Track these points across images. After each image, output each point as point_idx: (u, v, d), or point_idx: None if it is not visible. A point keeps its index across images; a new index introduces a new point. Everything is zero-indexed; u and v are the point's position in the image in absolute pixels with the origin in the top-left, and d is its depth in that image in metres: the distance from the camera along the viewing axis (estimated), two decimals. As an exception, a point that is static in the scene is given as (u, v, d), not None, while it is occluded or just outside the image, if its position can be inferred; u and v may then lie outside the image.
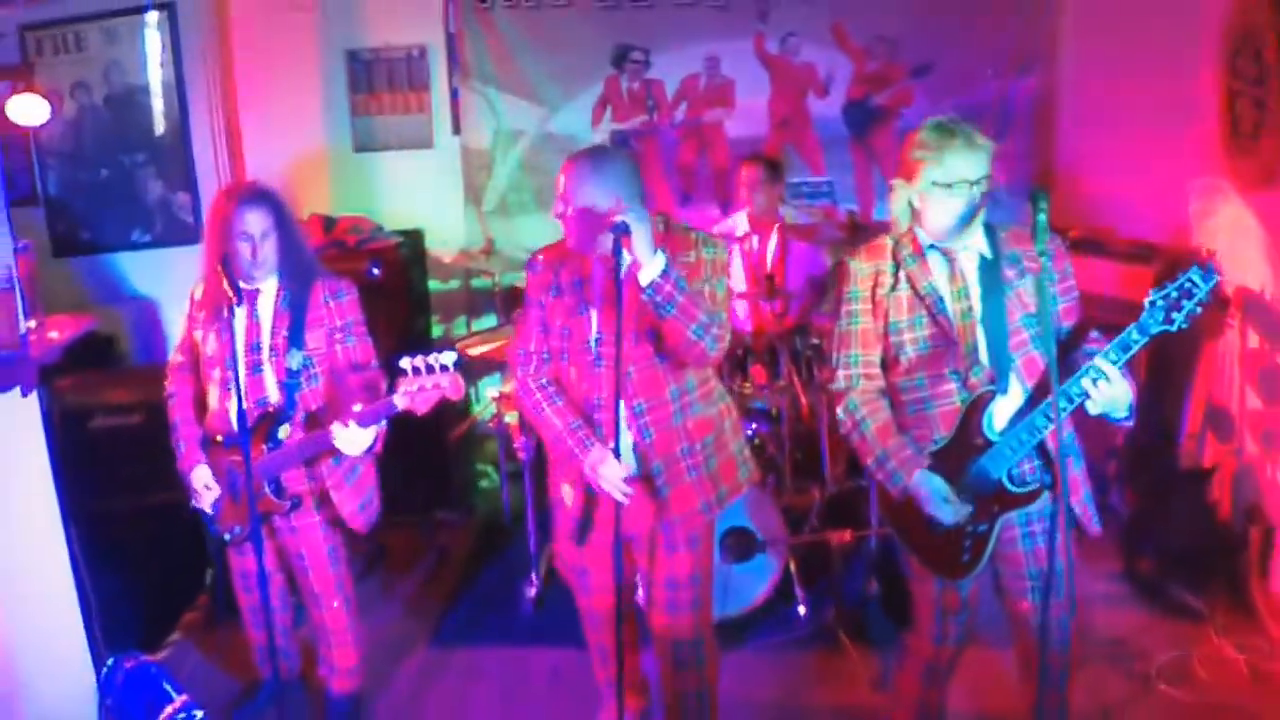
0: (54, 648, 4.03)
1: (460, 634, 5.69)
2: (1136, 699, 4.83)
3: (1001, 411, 3.75)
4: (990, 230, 3.76)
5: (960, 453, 3.78)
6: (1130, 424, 3.74)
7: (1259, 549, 5.27)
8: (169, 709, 4.28)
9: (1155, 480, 5.97)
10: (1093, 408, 3.63)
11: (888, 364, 3.89)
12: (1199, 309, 3.53)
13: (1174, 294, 3.52)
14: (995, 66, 7.00)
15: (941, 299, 3.73)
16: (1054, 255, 3.73)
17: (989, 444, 3.75)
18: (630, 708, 4.72)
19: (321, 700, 4.98)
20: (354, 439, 4.23)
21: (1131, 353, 3.56)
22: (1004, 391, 3.71)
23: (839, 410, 3.91)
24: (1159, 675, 4.93)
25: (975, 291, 3.74)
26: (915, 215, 3.74)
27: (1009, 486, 3.78)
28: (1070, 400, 3.60)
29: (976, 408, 3.74)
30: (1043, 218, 3.39)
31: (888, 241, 3.84)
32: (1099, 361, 3.55)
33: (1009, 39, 6.96)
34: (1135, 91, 6.69)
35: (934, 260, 3.76)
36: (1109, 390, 3.56)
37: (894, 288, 3.78)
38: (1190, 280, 3.51)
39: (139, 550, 5.32)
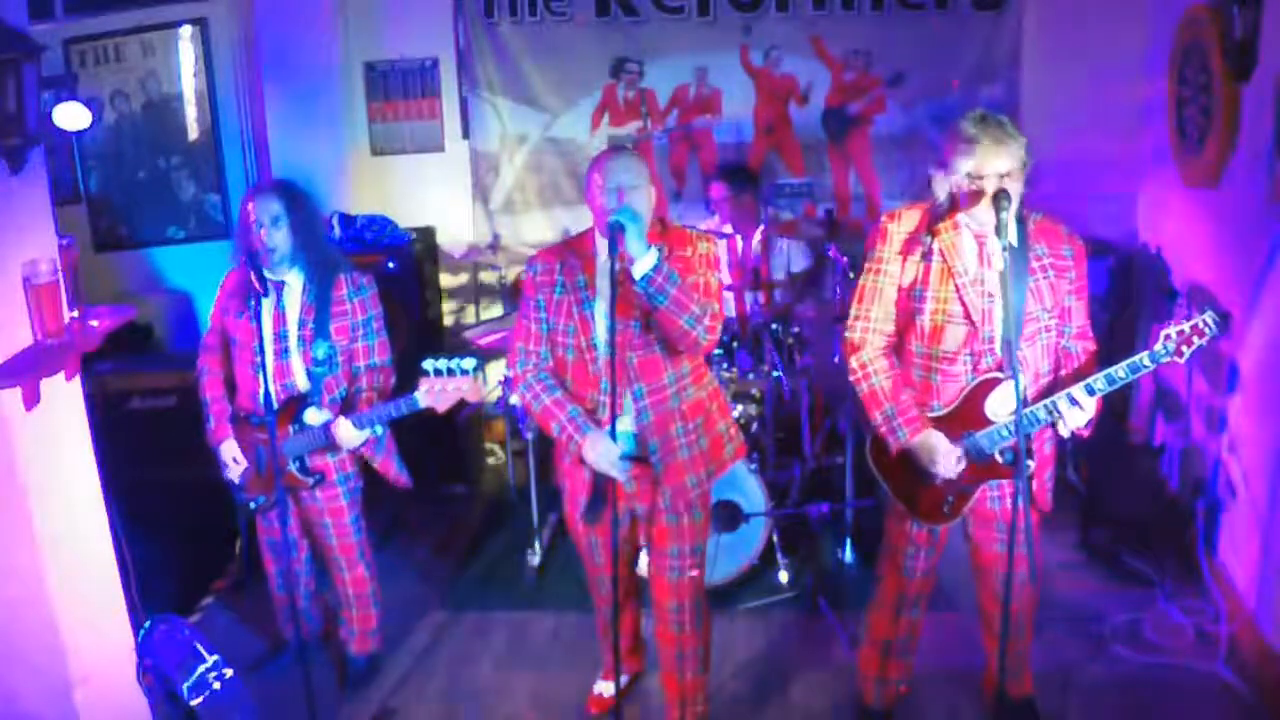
0: (96, 610, 4.01)
1: (469, 598, 5.69)
2: (1092, 658, 4.84)
3: (1001, 395, 3.76)
4: (1020, 220, 3.74)
5: (957, 425, 3.83)
6: (1087, 434, 3.80)
7: (1204, 521, 5.28)
8: (201, 667, 4.29)
9: (1109, 457, 5.96)
10: (1063, 430, 3.74)
11: (904, 325, 3.88)
12: (1205, 344, 3.62)
13: (1188, 330, 3.62)
14: (961, 76, 6.99)
15: (969, 280, 3.73)
16: (1075, 254, 3.82)
17: (987, 423, 3.79)
18: (627, 669, 4.73)
19: (341, 659, 4.99)
20: (348, 435, 4.31)
21: (1139, 375, 3.65)
22: (1008, 378, 3.71)
23: (852, 359, 3.89)
24: (1113, 637, 4.95)
25: (998, 277, 3.69)
26: (953, 201, 3.70)
27: (1000, 460, 3.84)
28: (1051, 413, 3.70)
29: (982, 389, 3.78)
30: (1005, 215, 3.39)
31: (926, 209, 3.83)
32: (1077, 391, 3.66)
33: (974, 51, 6.93)
34: (1091, 98, 6.68)
35: (967, 240, 3.74)
36: (1081, 415, 3.68)
37: (926, 255, 3.77)
38: (1205, 322, 3.61)
39: (174, 521, 5.31)
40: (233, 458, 4.52)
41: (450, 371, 4.09)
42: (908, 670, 4.48)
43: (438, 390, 4.12)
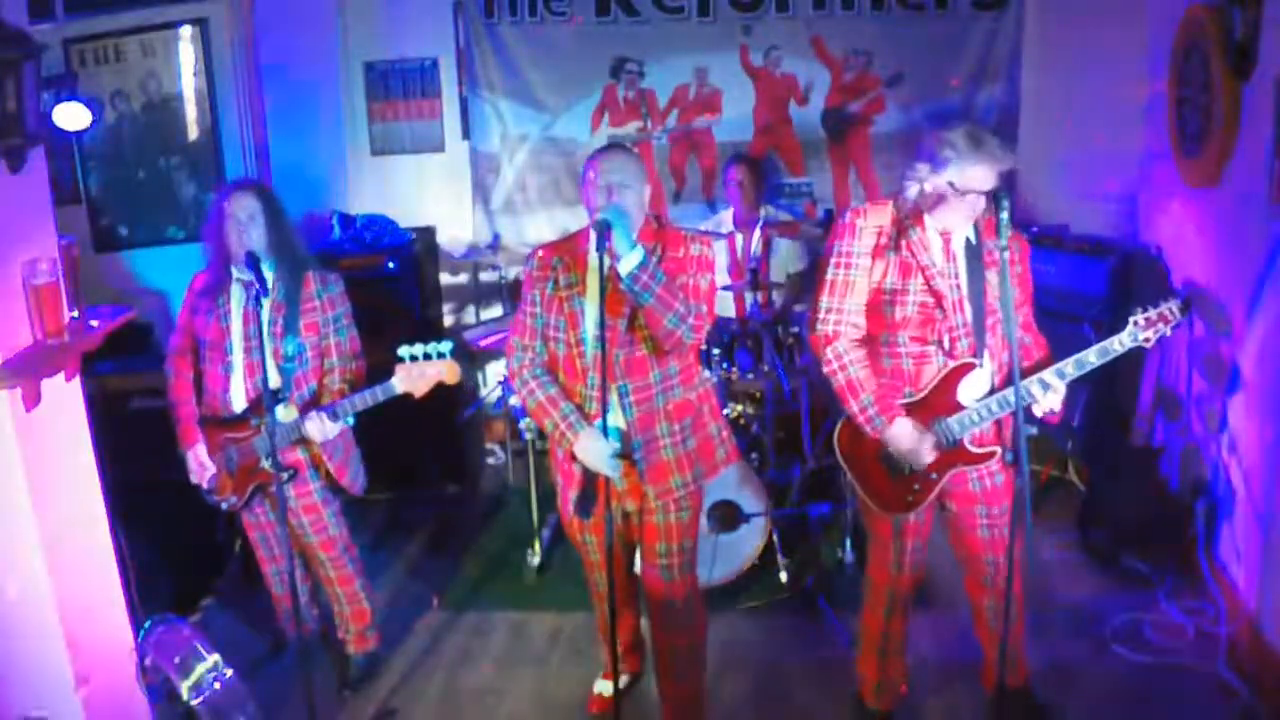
0: (95, 609, 4.01)
1: (469, 598, 5.69)
2: (1092, 659, 4.84)
3: (972, 381, 3.89)
4: (975, 222, 3.87)
5: (928, 410, 3.93)
6: (1057, 419, 3.99)
7: (1204, 521, 5.28)
8: (201, 667, 4.29)
9: (1109, 457, 5.97)
10: (1037, 410, 3.87)
11: (874, 318, 3.96)
12: (1170, 331, 3.80)
13: (1154, 317, 3.78)
14: (961, 76, 7.00)
15: (936, 273, 3.84)
16: (1020, 251, 3.95)
17: (958, 408, 3.89)
18: (626, 668, 4.74)
19: (341, 659, 4.99)
20: (321, 428, 4.32)
21: (1110, 358, 3.79)
22: (980, 364, 3.85)
23: (827, 351, 3.95)
24: (1113, 637, 4.95)
25: (962, 270, 3.88)
26: (924, 199, 3.81)
27: (969, 447, 3.95)
28: (1026, 395, 3.79)
29: (955, 375, 3.88)
30: (1005, 215, 3.41)
31: (891, 207, 3.94)
32: (1048, 375, 3.82)
33: (974, 51, 6.94)
34: (1091, 98, 6.69)
35: (932, 236, 3.87)
36: (1055, 397, 3.84)
37: (894, 250, 3.87)
38: (1171, 310, 3.78)
39: (174, 521, 5.31)
40: (200, 461, 4.56)
41: (426, 356, 4.12)
42: (905, 669, 4.51)
43: (415, 375, 4.15)
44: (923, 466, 3.94)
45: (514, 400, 6.06)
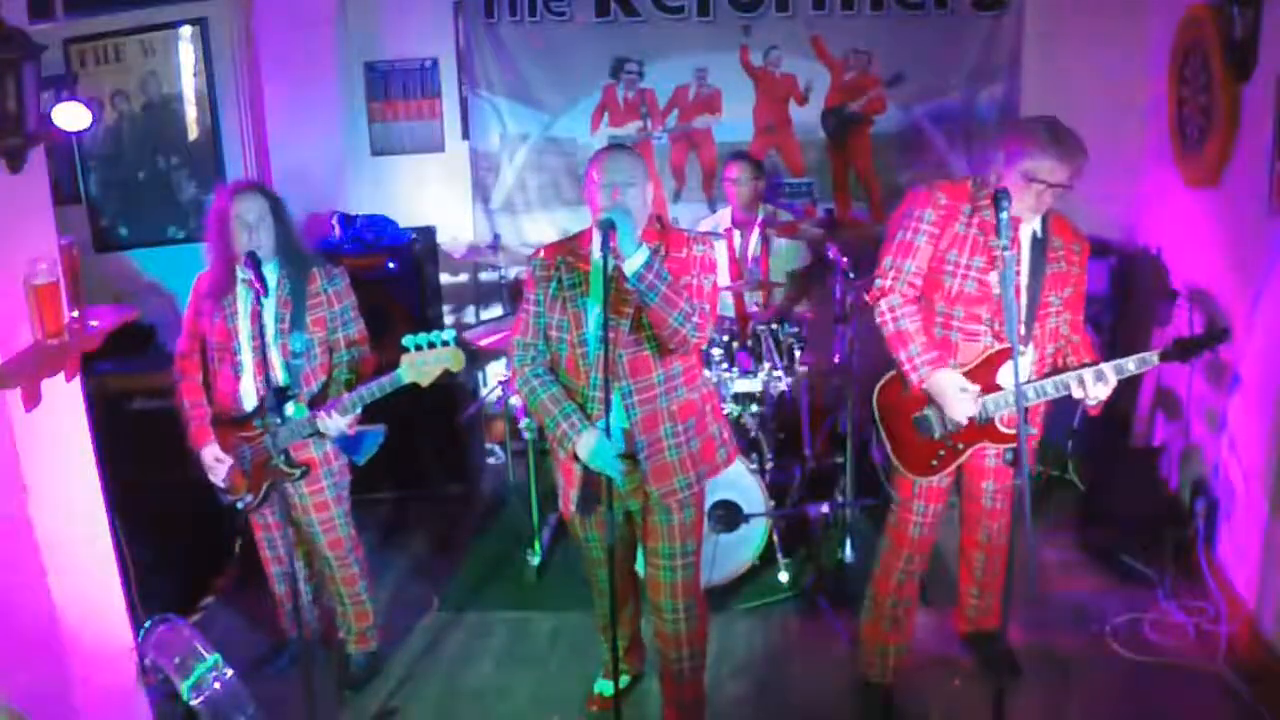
0: (96, 609, 4.01)
1: (469, 598, 5.68)
2: (1092, 658, 4.84)
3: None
4: (1044, 215, 4.05)
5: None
6: (1098, 411, 4.09)
7: (1204, 521, 5.28)
8: (201, 667, 4.29)
9: (1109, 457, 5.97)
10: (1080, 392, 3.97)
11: (931, 286, 4.13)
12: (1203, 355, 4.09)
13: (1196, 343, 4.03)
14: (961, 76, 6.99)
15: (1000, 256, 3.91)
16: (1082, 252, 4.18)
17: (996, 389, 4.05)
18: (628, 668, 4.73)
19: (342, 659, 4.98)
20: (334, 423, 4.32)
21: (1143, 369, 3.98)
22: (1024, 351, 4.01)
23: (881, 303, 4.13)
24: (1112, 636, 4.95)
25: (1025, 259, 4.04)
26: (997, 183, 3.94)
27: (999, 426, 4.11)
28: (1059, 388, 4.00)
29: (999, 356, 4.04)
30: (1005, 216, 3.42)
31: (969, 185, 4.10)
32: (1105, 366, 3.94)
33: (974, 51, 6.94)
34: (1090, 98, 6.68)
35: (1003, 222, 3.91)
36: (1104, 389, 3.95)
37: (965, 225, 4.03)
38: (1212, 338, 4.07)
39: (174, 521, 5.31)
40: (215, 459, 4.53)
41: (431, 344, 4.10)
42: (906, 638, 4.60)
43: (419, 363, 4.13)
44: (958, 425, 4.06)
45: (514, 400, 6.05)
